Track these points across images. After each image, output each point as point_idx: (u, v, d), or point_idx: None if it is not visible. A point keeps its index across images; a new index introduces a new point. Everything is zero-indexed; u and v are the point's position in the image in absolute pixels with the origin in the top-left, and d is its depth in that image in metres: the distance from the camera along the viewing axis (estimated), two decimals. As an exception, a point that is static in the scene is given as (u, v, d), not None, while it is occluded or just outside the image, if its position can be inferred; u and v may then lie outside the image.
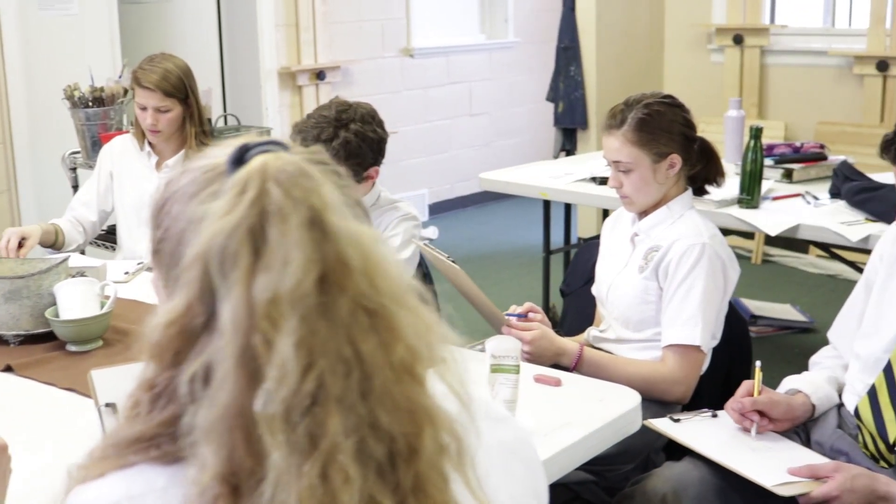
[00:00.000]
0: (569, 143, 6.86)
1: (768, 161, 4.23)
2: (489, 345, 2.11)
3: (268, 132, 5.40)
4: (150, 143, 3.70)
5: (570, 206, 5.23)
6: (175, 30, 6.67)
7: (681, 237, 2.72)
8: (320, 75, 7.03)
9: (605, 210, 4.89)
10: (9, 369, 2.51)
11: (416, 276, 3.15)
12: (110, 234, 4.17)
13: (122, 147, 3.79)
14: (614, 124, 2.75)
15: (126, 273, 3.28)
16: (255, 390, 0.90)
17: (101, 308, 2.68)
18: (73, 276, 2.81)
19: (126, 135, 3.85)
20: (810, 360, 2.66)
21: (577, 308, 3.25)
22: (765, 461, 2.26)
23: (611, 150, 2.77)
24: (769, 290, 5.94)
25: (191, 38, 6.61)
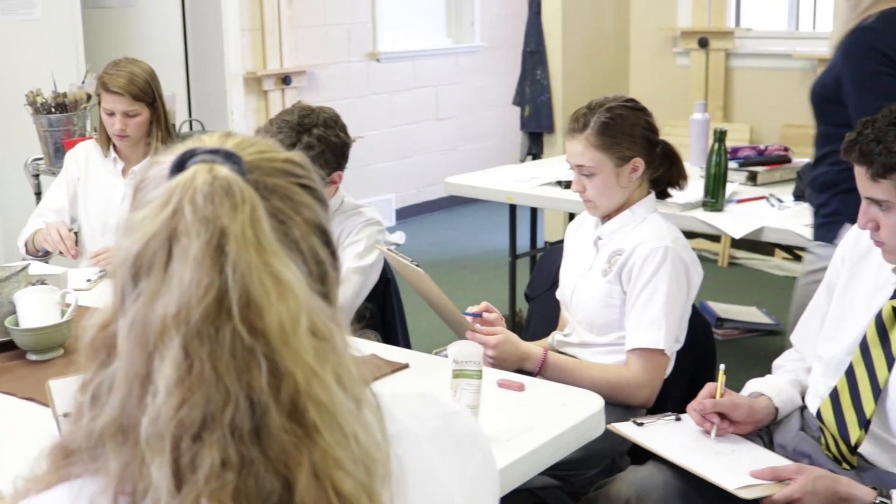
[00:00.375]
0: (535, 147, 6.88)
1: (733, 164, 4.25)
2: (451, 350, 2.11)
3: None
4: (116, 150, 3.67)
5: (536, 209, 5.23)
6: (139, 35, 6.62)
7: (644, 241, 2.73)
8: (286, 80, 7.00)
9: (571, 213, 4.86)
10: (-33, 379, 2.48)
11: (379, 282, 3.09)
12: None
13: (86, 154, 3.76)
14: (577, 128, 2.75)
15: (88, 280, 3.26)
16: (144, 408, 0.89)
17: (62, 316, 2.66)
18: (34, 284, 2.78)
19: (89, 141, 3.82)
20: (774, 363, 2.67)
21: (542, 312, 3.25)
22: (727, 464, 2.26)
23: (574, 153, 2.77)
24: (735, 292, 5.96)
25: (155, 42, 6.56)
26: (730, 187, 4.04)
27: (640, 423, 2.47)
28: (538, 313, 3.35)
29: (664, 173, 2.87)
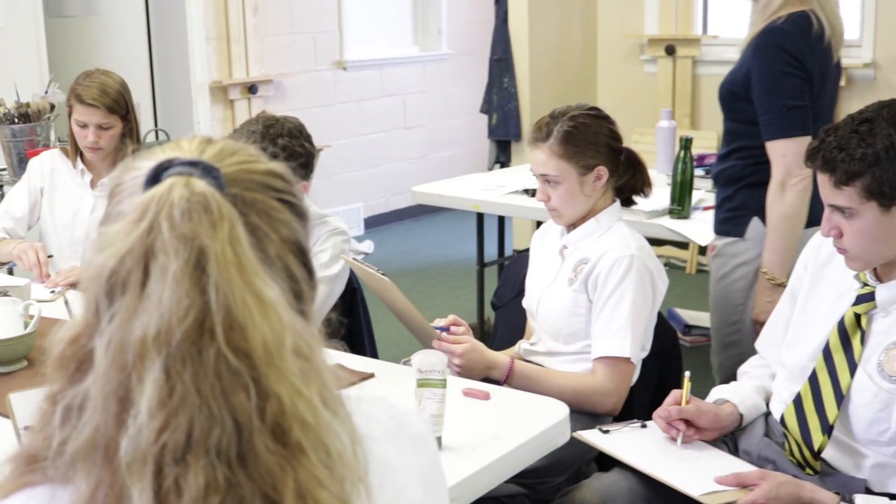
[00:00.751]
0: (503, 155, 6.88)
1: (699, 171, 4.28)
2: (415, 359, 2.11)
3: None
4: (84, 161, 3.64)
5: (503, 218, 5.23)
6: (104, 44, 6.59)
7: (609, 249, 2.73)
8: (252, 89, 6.97)
9: (538, 222, 4.88)
10: (-72, 392, 2.45)
11: (345, 292, 3.08)
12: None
13: (51, 163, 3.71)
14: (540, 137, 2.76)
15: (52, 292, 3.23)
16: (123, 429, 0.87)
17: (25, 328, 2.63)
18: (-4, 296, 2.76)
19: (54, 150, 3.78)
20: (739, 369, 2.68)
21: (508, 321, 3.25)
22: (692, 470, 2.27)
23: (537, 163, 2.78)
24: (703, 299, 5.93)
25: (120, 52, 6.53)
26: (696, 195, 4.05)
27: (606, 431, 2.48)
28: (504, 322, 3.35)
29: (628, 181, 2.88)
